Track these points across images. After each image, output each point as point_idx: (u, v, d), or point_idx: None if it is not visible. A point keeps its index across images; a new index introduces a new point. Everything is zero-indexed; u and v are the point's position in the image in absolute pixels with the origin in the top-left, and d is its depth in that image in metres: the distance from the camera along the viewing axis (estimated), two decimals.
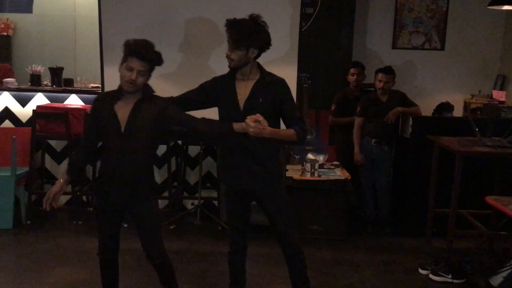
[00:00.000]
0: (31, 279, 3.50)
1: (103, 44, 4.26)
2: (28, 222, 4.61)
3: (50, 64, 5.31)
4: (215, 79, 2.89)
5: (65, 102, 5.01)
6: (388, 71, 4.63)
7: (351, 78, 4.97)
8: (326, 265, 3.90)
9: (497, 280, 3.72)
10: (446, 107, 4.98)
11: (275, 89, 2.75)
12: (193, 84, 4.22)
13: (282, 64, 4.21)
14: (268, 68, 4.31)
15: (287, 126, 2.75)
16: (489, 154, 3.78)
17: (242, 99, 2.73)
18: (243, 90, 2.74)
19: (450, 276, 3.68)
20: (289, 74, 4.20)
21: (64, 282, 3.47)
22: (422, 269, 3.83)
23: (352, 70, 4.97)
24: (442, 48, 5.73)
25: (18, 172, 4.49)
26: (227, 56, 2.74)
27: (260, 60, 4.26)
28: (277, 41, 4.17)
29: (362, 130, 4.74)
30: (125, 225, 4.61)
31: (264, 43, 2.74)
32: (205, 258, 4.00)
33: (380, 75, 4.63)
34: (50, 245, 4.12)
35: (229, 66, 2.77)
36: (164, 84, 4.29)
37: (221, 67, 4.21)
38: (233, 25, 2.68)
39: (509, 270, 3.89)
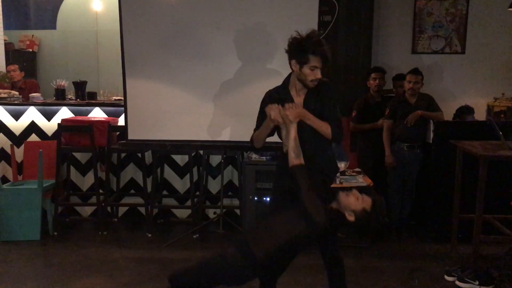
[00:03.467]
0: None
1: (125, 57, 4.35)
2: (55, 233, 4.71)
3: (74, 79, 5.45)
4: (271, 95, 2.90)
5: (89, 115, 5.12)
6: (417, 72, 4.61)
7: (372, 83, 4.95)
8: (351, 273, 3.85)
9: None
10: (465, 110, 4.93)
11: (321, 92, 2.82)
12: (210, 94, 4.33)
13: None
14: (281, 78, 4.33)
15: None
16: None
17: (298, 103, 2.81)
18: (299, 101, 2.81)
19: (477, 282, 3.61)
20: None
21: None
22: (448, 275, 3.77)
23: (373, 75, 4.95)
24: (463, 51, 5.67)
25: (44, 185, 4.59)
26: (317, 79, 2.72)
27: (279, 67, 4.32)
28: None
29: (391, 134, 4.73)
30: (149, 235, 4.70)
31: None
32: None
33: (409, 76, 4.61)
34: (76, 256, 4.20)
35: (312, 86, 2.75)
36: (182, 93, 4.36)
37: (236, 76, 4.30)
38: (323, 43, 2.68)
39: None
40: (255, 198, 4.54)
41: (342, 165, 4.69)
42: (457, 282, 3.68)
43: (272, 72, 4.29)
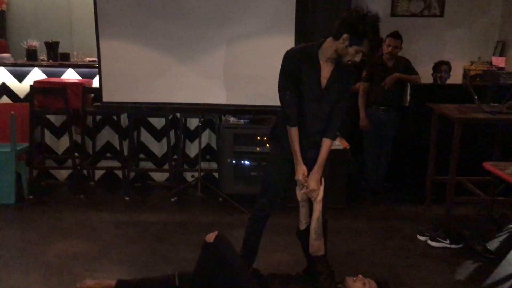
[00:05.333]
0: (35, 252, 3.55)
1: (98, 16, 4.23)
2: (31, 197, 4.65)
3: (45, 39, 5.26)
4: (298, 57, 2.72)
5: (62, 77, 4.98)
6: (397, 36, 4.58)
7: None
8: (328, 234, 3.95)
9: (494, 244, 3.80)
10: (442, 62, 4.98)
11: (345, 76, 2.76)
12: (190, 56, 4.25)
13: (278, 33, 4.18)
14: (264, 38, 4.30)
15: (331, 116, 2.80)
16: (487, 120, 3.78)
17: (324, 80, 2.73)
18: (325, 72, 2.72)
19: (448, 241, 3.73)
20: (286, 44, 4.17)
21: (67, 254, 3.52)
22: (420, 235, 3.88)
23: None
24: (442, 14, 5.66)
25: (18, 148, 4.50)
26: (354, 61, 2.65)
27: (255, 28, 4.25)
28: (272, 9, 4.17)
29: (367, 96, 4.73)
30: (127, 198, 4.69)
31: None
32: (207, 228, 4.01)
33: (388, 40, 4.57)
34: (53, 219, 4.17)
35: (345, 64, 2.66)
36: (158, 54, 4.28)
37: (214, 37, 4.22)
38: (378, 32, 2.64)
39: (507, 235, 3.96)
40: (233, 161, 4.55)
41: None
42: (429, 241, 3.79)
43: (250, 34, 4.23)
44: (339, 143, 4.53)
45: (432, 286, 3.16)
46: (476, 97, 3.96)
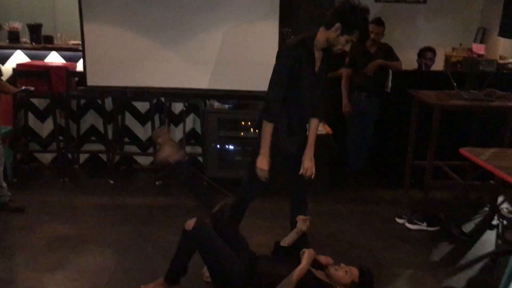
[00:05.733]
0: (20, 235, 3.59)
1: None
2: (15, 180, 4.66)
3: (28, 21, 5.20)
4: (298, 50, 2.78)
5: (46, 60, 4.96)
6: (379, 22, 4.63)
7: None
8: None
9: (469, 227, 3.93)
10: (426, 48, 5.06)
11: (329, 57, 2.88)
12: (174, 40, 4.26)
13: (263, 19, 4.21)
14: (248, 23, 4.32)
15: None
16: (464, 107, 3.88)
17: (316, 68, 2.84)
18: (318, 59, 2.83)
19: (425, 224, 3.85)
20: (270, 30, 4.23)
21: (52, 236, 3.57)
22: (399, 218, 4.00)
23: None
24: (425, 1, 5.72)
25: (2, 131, 4.48)
26: (343, 50, 2.80)
27: (239, 14, 4.26)
28: None
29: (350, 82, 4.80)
30: (111, 182, 4.72)
31: None
32: (191, 212, 4.09)
33: (371, 26, 4.60)
34: (37, 202, 4.19)
35: (335, 52, 2.79)
36: (142, 38, 4.28)
37: (198, 22, 4.23)
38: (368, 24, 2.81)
39: (481, 218, 4.10)
40: (217, 146, 4.60)
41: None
42: (407, 224, 3.91)
43: (235, 19, 4.25)
44: (322, 128, 4.61)
45: (409, 267, 3.28)
46: (455, 84, 4.05)
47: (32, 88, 4.53)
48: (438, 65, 5.56)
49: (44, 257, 3.26)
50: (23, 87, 4.46)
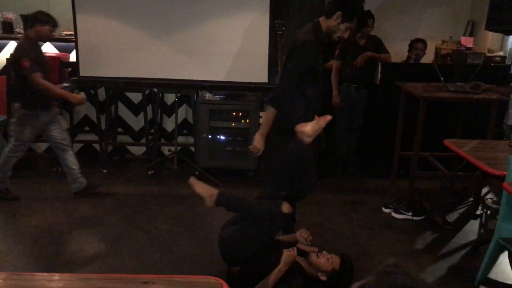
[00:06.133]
0: (15, 222, 3.67)
1: None
2: None
3: (21, 11, 5.22)
4: (317, 43, 2.92)
5: None
6: (369, 14, 4.70)
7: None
8: (298, 205, 4.12)
9: (453, 216, 4.03)
10: (417, 40, 5.14)
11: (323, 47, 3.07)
12: (167, 31, 4.31)
13: (254, 10, 4.26)
14: (239, 16, 4.37)
15: None
16: (449, 99, 3.96)
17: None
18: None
19: (410, 213, 3.94)
20: (261, 22, 4.28)
21: (46, 223, 3.65)
22: (385, 207, 4.09)
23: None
24: None
25: None
26: (343, 38, 3.00)
27: (231, 5, 4.30)
28: None
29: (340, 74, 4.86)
30: (104, 171, 4.79)
31: None
32: (182, 201, 4.19)
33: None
34: (31, 191, 4.26)
35: (334, 40, 3.00)
36: (135, 29, 4.33)
37: (190, 13, 4.27)
38: None
39: (466, 208, 4.19)
40: (209, 136, 4.67)
41: None
42: (393, 214, 4.00)
43: (226, 11, 4.29)
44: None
45: (392, 255, 3.37)
46: (441, 77, 4.12)
47: (68, 84, 4.48)
48: (429, 57, 5.63)
49: (38, 243, 3.34)
50: (65, 84, 4.44)
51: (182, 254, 3.26)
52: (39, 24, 3.81)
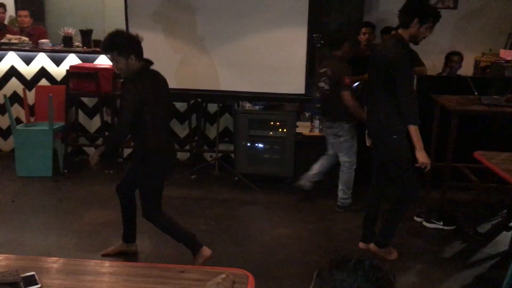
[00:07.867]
0: (69, 219, 4.04)
1: (128, 8, 4.63)
2: (65, 171, 5.15)
3: (80, 26, 5.69)
4: (409, 55, 3.26)
5: (95, 62, 5.43)
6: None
7: (362, 38, 5.18)
8: (330, 212, 4.31)
9: (485, 227, 4.07)
10: (453, 52, 5.24)
11: None
12: (211, 46, 4.60)
13: (292, 25, 4.48)
14: (278, 30, 4.60)
15: None
16: (482, 112, 4.02)
17: None
18: None
19: (441, 223, 4.03)
20: (299, 35, 4.50)
21: (97, 222, 4.00)
22: (417, 217, 4.19)
23: (363, 30, 5.17)
24: (455, 7, 5.82)
25: (55, 126, 4.98)
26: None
27: (270, 21, 4.54)
28: (286, 1, 4.46)
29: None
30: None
31: None
32: (221, 204, 4.45)
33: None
34: (84, 191, 4.65)
35: (418, 43, 3.28)
36: (181, 44, 4.65)
37: (233, 29, 4.55)
38: None
39: (499, 219, 4.22)
40: (248, 144, 4.92)
41: None
42: (424, 223, 4.09)
43: (266, 27, 4.54)
44: None
45: (420, 262, 3.49)
46: (474, 90, 4.19)
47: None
48: (468, 69, 5.66)
49: (90, 239, 3.69)
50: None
51: (219, 252, 3.50)
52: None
